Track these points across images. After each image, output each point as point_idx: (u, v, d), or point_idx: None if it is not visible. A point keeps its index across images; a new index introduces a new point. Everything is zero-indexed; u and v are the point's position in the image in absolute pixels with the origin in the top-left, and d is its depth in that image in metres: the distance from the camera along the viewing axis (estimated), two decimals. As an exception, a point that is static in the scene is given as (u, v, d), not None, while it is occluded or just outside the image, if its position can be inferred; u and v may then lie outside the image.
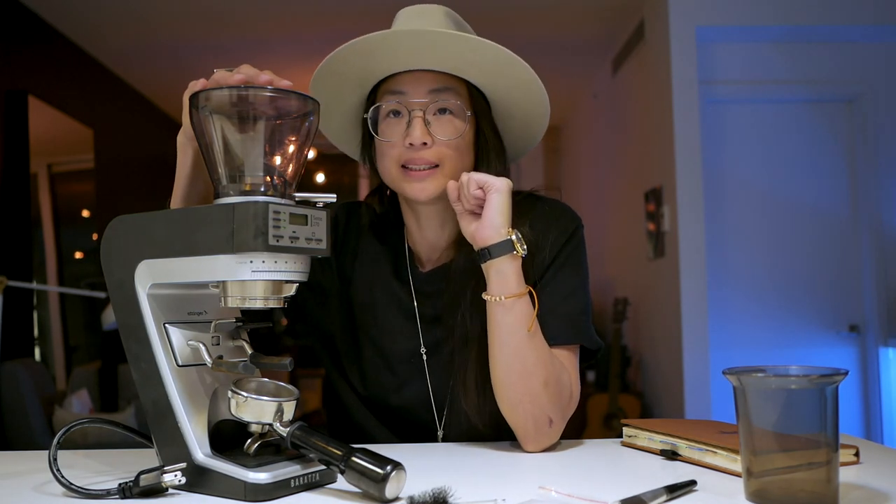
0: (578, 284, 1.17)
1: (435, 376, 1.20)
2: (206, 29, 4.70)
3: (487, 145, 1.17)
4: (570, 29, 4.71)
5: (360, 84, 1.18)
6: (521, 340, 1.06)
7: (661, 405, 4.27)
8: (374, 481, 0.79)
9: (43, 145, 4.35)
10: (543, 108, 1.18)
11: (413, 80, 1.13)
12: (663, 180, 4.06)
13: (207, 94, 0.88)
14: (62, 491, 0.86)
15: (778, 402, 0.78)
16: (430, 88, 1.13)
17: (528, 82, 1.14)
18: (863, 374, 4.06)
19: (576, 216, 1.22)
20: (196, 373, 0.89)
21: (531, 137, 1.24)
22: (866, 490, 0.84)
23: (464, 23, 1.18)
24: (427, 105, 1.12)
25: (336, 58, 1.13)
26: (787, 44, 4.05)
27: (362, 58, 1.12)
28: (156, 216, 0.89)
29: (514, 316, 1.06)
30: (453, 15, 1.17)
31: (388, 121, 1.15)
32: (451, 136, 1.13)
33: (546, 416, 1.07)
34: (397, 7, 1.20)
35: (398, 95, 1.13)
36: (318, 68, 1.15)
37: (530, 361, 1.06)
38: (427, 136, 1.11)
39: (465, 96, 1.15)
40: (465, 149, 1.15)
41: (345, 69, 1.15)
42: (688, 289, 3.82)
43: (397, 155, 1.13)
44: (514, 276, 1.06)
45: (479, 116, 1.17)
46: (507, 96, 1.17)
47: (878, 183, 4.04)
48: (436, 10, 1.16)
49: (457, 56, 1.11)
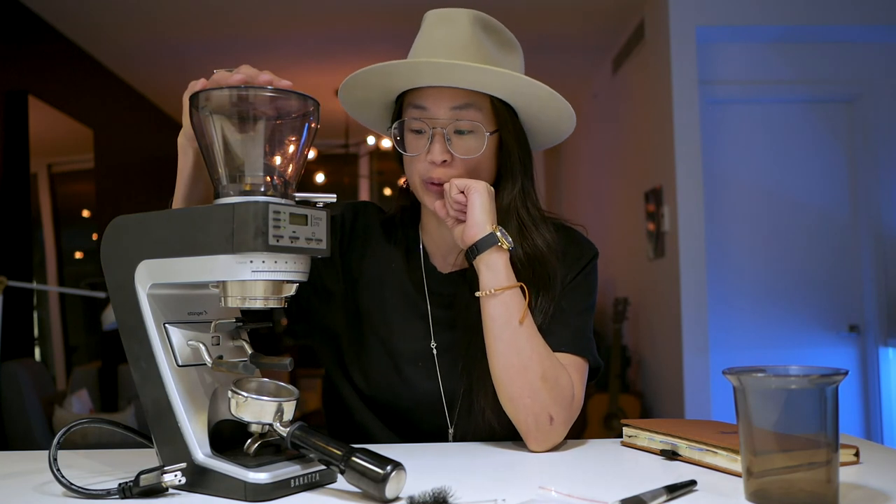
0: (586, 308, 1.21)
1: (446, 377, 1.20)
2: (206, 29, 4.70)
3: (511, 159, 1.19)
4: (570, 29, 4.71)
5: (385, 94, 1.21)
6: (514, 332, 1.08)
7: (661, 405, 4.27)
8: (374, 481, 0.79)
9: (43, 145, 4.35)
10: (567, 114, 1.19)
11: (435, 95, 1.14)
12: (663, 180, 4.06)
13: (207, 94, 0.88)
14: (62, 491, 0.86)
15: (778, 402, 0.78)
16: (451, 105, 1.14)
17: (547, 98, 1.15)
18: (863, 374, 4.06)
19: (593, 246, 1.26)
20: (196, 373, 0.89)
21: (561, 132, 1.25)
22: (866, 490, 0.84)
23: (494, 24, 1.18)
24: (448, 123, 1.14)
25: (358, 76, 1.16)
26: (787, 44, 4.05)
27: (384, 78, 1.16)
28: (156, 216, 0.89)
29: (505, 307, 1.09)
30: (482, 19, 1.17)
31: (412, 135, 1.18)
32: (470, 154, 1.15)
33: (546, 412, 1.07)
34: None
35: (420, 111, 1.16)
36: (342, 84, 1.18)
37: (526, 354, 1.08)
38: (447, 153, 1.14)
39: (487, 110, 1.16)
40: (486, 164, 1.18)
41: (370, 82, 1.18)
42: (688, 289, 3.82)
43: (420, 169, 1.16)
44: (503, 269, 1.10)
45: (502, 129, 1.18)
46: (529, 107, 1.18)
47: (878, 183, 4.04)
48: (463, 16, 1.16)
49: (474, 81, 1.12)
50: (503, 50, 1.18)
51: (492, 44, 1.16)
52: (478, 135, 1.15)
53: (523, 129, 1.21)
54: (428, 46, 1.16)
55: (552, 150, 7.10)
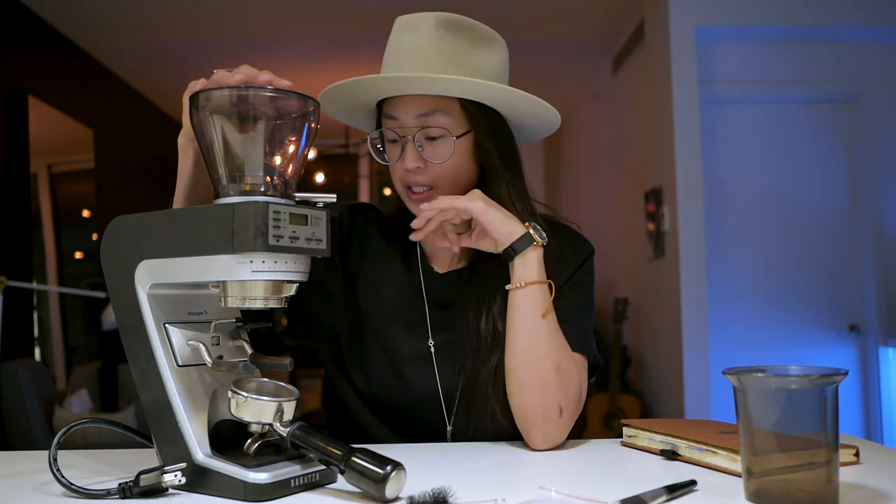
0: (586, 305, 1.22)
1: (444, 376, 1.21)
2: (206, 29, 4.70)
3: (489, 157, 1.18)
4: (570, 29, 4.71)
5: (364, 104, 1.22)
6: (537, 324, 1.10)
7: (661, 405, 4.27)
8: (374, 481, 0.79)
9: (43, 145, 4.35)
10: (542, 107, 1.18)
11: (402, 104, 1.15)
12: (663, 180, 4.06)
13: (207, 94, 0.88)
14: (62, 491, 0.86)
15: (778, 402, 0.78)
16: (417, 113, 1.15)
17: (510, 97, 1.15)
18: (863, 374, 4.06)
19: (589, 243, 1.26)
20: (196, 373, 0.89)
21: (546, 123, 1.24)
22: (866, 490, 0.84)
23: (463, 22, 1.17)
24: (416, 130, 1.15)
25: (328, 93, 1.18)
26: (787, 44, 4.05)
27: (352, 93, 1.18)
28: (156, 216, 0.89)
29: (532, 300, 1.11)
30: (448, 21, 1.16)
31: (389, 144, 1.19)
32: (441, 159, 1.15)
33: (557, 403, 1.09)
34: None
35: (392, 120, 1.17)
36: (320, 96, 1.19)
37: (545, 345, 1.10)
38: (419, 160, 1.15)
39: (456, 112, 1.15)
40: (462, 166, 1.17)
41: (341, 97, 1.19)
42: (688, 289, 3.82)
43: (399, 176, 1.18)
44: (536, 264, 1.12)
45: (476, 130, 1.17)
46: (502, 104, 1.18)
47: (878, 183, 4.04)
48: (428, 20, 1.15)
49: (432, 87, 1.13)
50: (477, 46, 1.17)
51: (462, 43, 1.15)
52: (446, 140, 1.15)
53: (505, 124, 1.20)
54: (394, 54, 1.18)
55: (552, 150, 7.10)
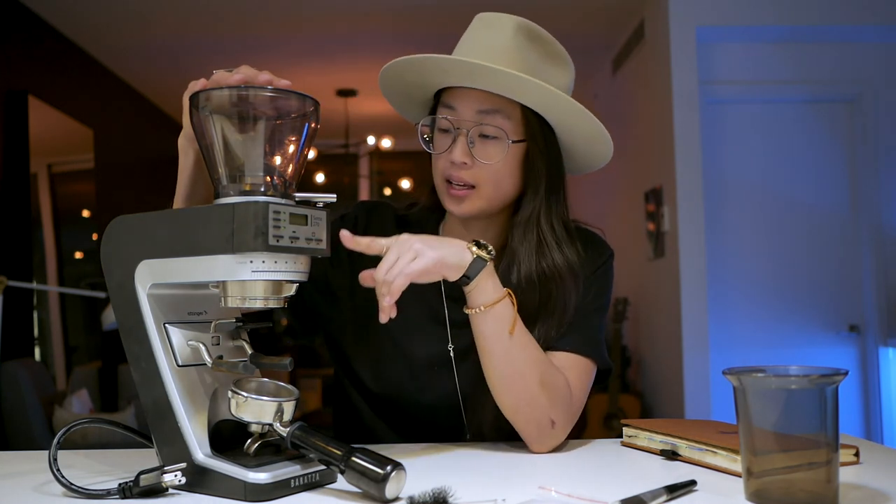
0: (599, 307, 1.20)
1: (464, 380, 1.19)
2: (206, 29, 4.70)
3: (534, 171, 1.16)
4: (570, 29, 4.70)
5: (422, 89, 1.20)
6: (507, 344, 1.06)
7: (661, 405, 4.27)
8: (374, 481, 0.79)
9: (43, 145, 4.35)
10: (601, 136, 1.16)
11: (464, 96, 1.13)
12: (663, 180, 4.06)
13: (207, 94, 0.88)
14: (62, 491, 0.86)
15: (778, 402, 0.78)
16: (478, 108, 1.12)
17: (579, 115, 1.13)
18: (863, 374, 4.06)
19: (609, 247, 1.26)
20: (196, 373, 0.89)
21: (597, 155, 1.22)
22: (866, 490, 0.84)
23: (541, 34, 1.16)
24: (473, 125, 1.12)
25: (392, 68, 1.15)
26: (788, 44, 4.05)
27: (414, 73, 1.15)
28: (156, 216, 0.89)
29: (495, 321, 1.06)
30: (527, 28, 1.15)
31: (439, 133, 1.17)
32: (490, 160, 1.13)
33: (547, 417, 1.07)
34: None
35: (449, 110, 1.14)
36: (380, 73, 1.17)
37: (520, 362, 1.06)
38: (467, 156, 1.12)
39: (516, 119, 1.13)
40: (508, 173, 1.15)
41: (402, 75, 1.17)
42: (688, 289, 3.82)
43: (442, 168, 1.16)
44: (490, 285, 1.06)
45: (529, 140, 1.15)
46: (562, 123, 1.16)
47: (878, 183, 4.04)
48: (507, 22, 1.14)
49: (503, 85, 1.10)
50: (548, 61, 1.16)
51: (535, 53, 1.14)
52: (501, 142, 1.12)
53: (557, 145, 1.18)
54: (466, 47, 1.15)
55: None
